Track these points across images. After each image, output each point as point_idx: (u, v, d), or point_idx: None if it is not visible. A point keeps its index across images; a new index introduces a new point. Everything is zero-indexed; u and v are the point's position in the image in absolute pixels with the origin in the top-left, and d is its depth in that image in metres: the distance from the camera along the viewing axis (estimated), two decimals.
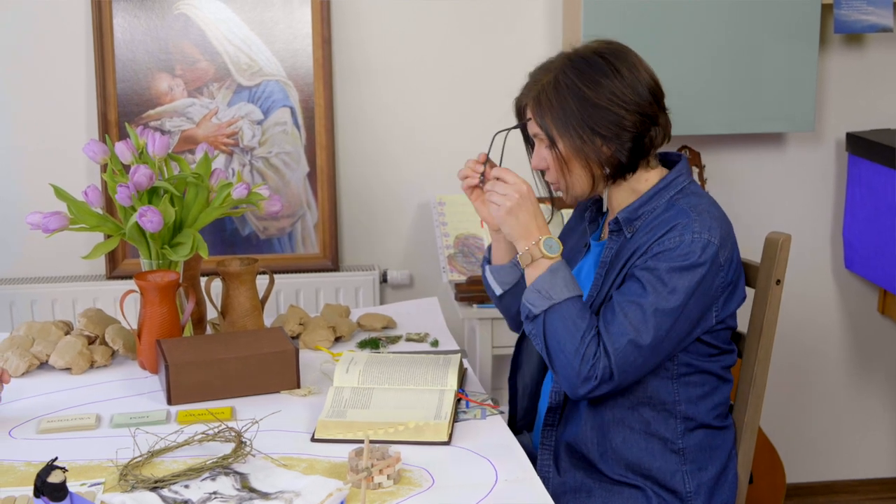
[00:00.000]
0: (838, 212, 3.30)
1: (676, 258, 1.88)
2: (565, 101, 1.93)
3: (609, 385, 1.89)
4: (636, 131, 1.94)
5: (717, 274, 1.92)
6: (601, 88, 1.92)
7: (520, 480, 1.74)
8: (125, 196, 2.17)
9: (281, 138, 3.03)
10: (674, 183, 1.99)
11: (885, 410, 3.46)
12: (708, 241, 1.89)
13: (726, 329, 2.01)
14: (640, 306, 1.88)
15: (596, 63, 1.94)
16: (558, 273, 1.92)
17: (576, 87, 1.93)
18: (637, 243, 1.94)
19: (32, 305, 2.99)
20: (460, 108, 3.12)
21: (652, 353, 1.89)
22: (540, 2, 3.08)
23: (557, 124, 1.95)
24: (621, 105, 1.92)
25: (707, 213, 1.94)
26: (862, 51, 3.22)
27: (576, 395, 1.92)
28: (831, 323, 3.39)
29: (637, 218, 1.98)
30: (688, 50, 2.96)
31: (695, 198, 1.97)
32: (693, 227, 1.90)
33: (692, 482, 1.99)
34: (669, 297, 1.88)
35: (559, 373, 1.92)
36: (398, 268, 3.17)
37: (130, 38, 2.96)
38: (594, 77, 1.93)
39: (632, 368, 1.89)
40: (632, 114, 1.93)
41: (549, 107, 1.95)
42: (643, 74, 1.96)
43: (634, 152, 1.96)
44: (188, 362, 2.04)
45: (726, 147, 3.22)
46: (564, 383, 1.92)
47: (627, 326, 1.87)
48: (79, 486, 1.70)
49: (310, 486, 1.70)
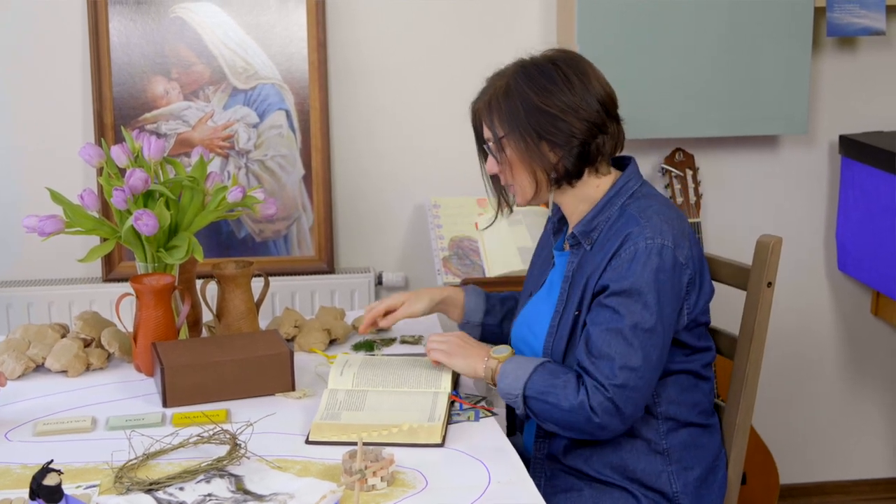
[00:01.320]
0: (831, 214, 3.31)
1: (631, 275, 1.89)
2: (514, 106, 1.97)
3: (618, 416, 1.90)
4: (583, 139, 1.96)
5: (683, 273, 1.93)
6: (550, 95, 1.95)
7: (512, 482, 1.75)
8: (121, 199, 2.18)
9: (276, 141, 3.04)
10: (624, 188, 2.01)
11: (878, 412, 3.47)
12: (662, 245, 1.91)
13: (699, 326, 2.02)
14: (619, 332, 1.89)
15: (547, 70, 1.98)
16: (506, 373, 1.97)
17: (525, 94, 1.97)
18: (595, 257, 1.96)
19: (29, 308, 2.99)
20: (455, 110, 3.11)
21: (648, 369, 1.90)
22: (535, 4, 3.09)
23: (504, 128, 1.99)
24: (569, 112, 1.95)
25: (657, 215, 1.95)
26: (854, 54, 3.23)
27: (596, 437, 1.95)
28: (825, 324, 3.40)
29: (593, 230, 2.00)
30: (681, 53, 2.97)
31: (644, 200, 1.99)
32: (645, 234, 1.91)
33: (678, 482, 2.00)
34: (644, 311, 1.89)
35: (578, 435, 1.95)
36: (393, 270, 3.18)
37: (126, 42, 2.96)
38: (544, 84, 1.96)
39: (634, 392, 1.89)
40: (580, 121, 1.96)
41: (498, 110, 1.99)
42: (595, 84, 1.98)
43: (580, 159, 1.98)
44: (183, 365, 2.05)
45: (720, 149, 3.23)
46: (581, 436, 1.95)
47: (613, 354, 1.88)
48: (74, 488, 1.71)
49: (304, 488, 1.71)
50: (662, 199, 2.01)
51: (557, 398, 1.91)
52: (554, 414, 1.92)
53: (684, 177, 3.08)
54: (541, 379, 1.94)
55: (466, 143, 3.15)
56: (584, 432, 1.93)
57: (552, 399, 1.91)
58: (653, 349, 1.90)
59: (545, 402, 1.92)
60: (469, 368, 2.03)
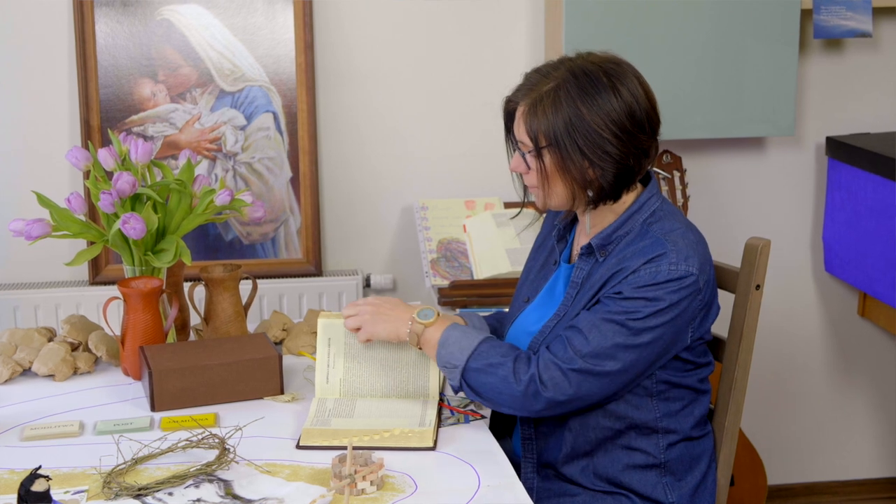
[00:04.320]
0: (818, 215, 3.32)
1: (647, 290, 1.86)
2: (560, 116, 1.88)
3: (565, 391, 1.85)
4: (626, 163, 1.90)
5: (696, 298, 1.90)
6: (598, 109, 1.87)
7: (502, 485, 1.75)
8: (108, 203, 2.17)
9: (264, 143, 3.03)
10: (647, 205, 1.97)
11: (865, 412, 3.49)
12: (686, 272, 1.87)
13: (702, 343, 2.00)
14: (612, 322, 1.86)
15: (598, 79, 1.88)
16: (448, 342, 1.92)
17: (574, 105, 1.87)
18: (611, 270, 1.92)
19: (15, 311, 2.98)
20: (443, 112, 3.13)
21: (620, 373, 1.87)
22: (522, 7, 3.09)
23: (549, 137, 1.90)
24: (614, 131, 1.87)
25: (682, 239, 1.91)
26: (841, 56, 3.24)
27: (532, 412, 1.90)
28: (812, 325, 3.41)
29: (610, 243, 1.96)
30: (668, 55, 2.97)
31: (668, 222, 1.94)
32: (670, 259, 1.87)
33: (673, 493, 1.99)
34: (649, 318, 1.86)
35: (505, 408, 1.91)
36: (381, 272, 3.17)
37: (113, 44, 2.95)
38: (594, 95, 1.87)
39: (593, 384, 1.86)
40: (623, 143, 1.88)
41: (544, 117, 1.89)
42: (643, 101, 1.91)
43: (619, 180, 1.92)
44: (172, 369, 2.04)
45: (707, 151, 3.24)
46: (517, 411, 1.91)
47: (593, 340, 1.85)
48: (63, 493, 1.71)
49: (293, 492, 1.71)
50: (683, 220, 1.97)
51: (507, 370, 1.86)
52: (497, 386, 1.86)
53: (672, 179, 3.08)
54: (489, 351, 1.89)
55: (454, 146, 3.17)
56: (524, 407, 1.87)
57: (501, 371, 1.86)
58: (633, 356, 1.86)
59: (492, 375, 1.86)
60: (391, 333, 1.97)
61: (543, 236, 2.19)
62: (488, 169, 3.13)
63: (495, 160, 3.05)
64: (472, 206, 3.04)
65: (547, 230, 2.18)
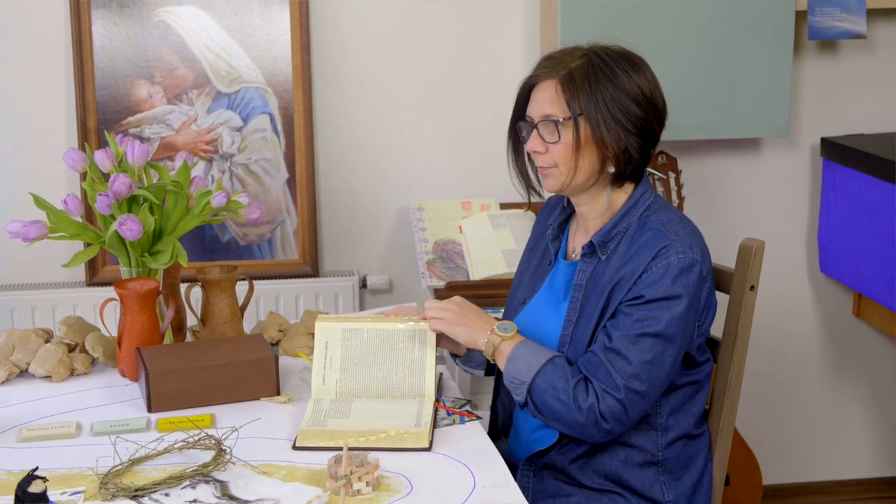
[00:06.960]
0: (813, 216, 3.33)
1: (665, 287, 1.89)
2: (599, 84, 1.93)
3: (625, 421, 1.90)
4: (652, 133, 1.97)
5: (703, 286, 1.94)
6: (630, 80, 1.94)
7: (497, 486, 1.75)
8: (105, 204, 2.18)
9: (260, 145, 3.04)
10: (641, 200, 2.00)
11: (860, 412, 3.49)
12: (693, 260, 1.91)
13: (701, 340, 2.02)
14: (644, 337, 1.88)
15: (623, 57, 1.96)
16: (517, 358, 1.94)
17: (611, 71, 1.93)
18: (619, 270, 1.94)
19: (12, 312, 2.98)
20: (439, 112, 3.14)
21: (661, 379, 1.91)
22: (518, 7, 3.10)
23: (587, 105, 1.92)
24: (644, 101, 1.94)
25: (682, 228, 1.95)
26: (836, 57, 3.25)
27: (594, 440, 1.94)
28: (807, 325, 3.42)
29: (610, 240, 1.98)
30: (663, 56, 2.97)
31: (664, 213, 1.98)
32: (677, 249, 1.90)
33: (671, 492, 2.00)
34: (672, 321, 1.89)
35: (565, 431, 1.95)
36: (378, 273, 3.18)
37: (109, 46, 2.96)
38: (625, 68, 1.95)
39: (643, 399, 1.90)
40: (651, 116, 1.95)
41: (583, 84, 1.92)
42: (656, 81, 2.00)
43: (644, 154, 1.97)
44: (168, 370, 2.05)
45: (702, 152, 3.24)
46: (577, 436, 1.95)
47: (632, 359, 1.88)
48: (59, 494, 1.71)
49: (289, 493, 1.71)
50: (677, 212, 2.01)
51: (568, 396, 1.89)
52: (559, 410, 1.90)
53: (667, 179, 3.09)
54: (553, 372, 1.91)
55: (450, 146, 3.17)
56: (584, 434, 1.92)
57: (563, 396, 1.89)
58: (670, 359, 1.90)
59: (554, 398, 1.90)
60: (469, 339, 2.00)
61: (536, 238, 2.20)
62: (484, 170, 3.14)
63: (491, 161, 3.06)
64: (469, 207, 3.05)
65: (539, 231, 2.18)
